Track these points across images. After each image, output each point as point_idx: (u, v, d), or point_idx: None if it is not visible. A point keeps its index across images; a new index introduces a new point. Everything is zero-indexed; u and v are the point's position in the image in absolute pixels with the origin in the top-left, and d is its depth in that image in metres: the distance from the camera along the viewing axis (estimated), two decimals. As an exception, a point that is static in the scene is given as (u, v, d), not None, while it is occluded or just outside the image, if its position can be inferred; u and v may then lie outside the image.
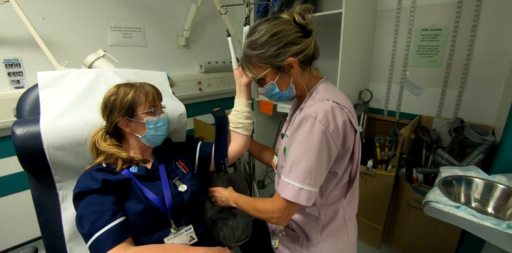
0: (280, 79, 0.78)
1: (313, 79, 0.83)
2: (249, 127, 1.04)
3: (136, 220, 0.76)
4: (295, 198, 0.71)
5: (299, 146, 0.71)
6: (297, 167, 0.71)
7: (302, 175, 0.70)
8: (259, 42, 0.74)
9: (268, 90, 0.82)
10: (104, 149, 0.83)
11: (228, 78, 2.49)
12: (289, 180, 0.72)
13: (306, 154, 0.70)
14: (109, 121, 0.84)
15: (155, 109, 0.86)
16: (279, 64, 0.75)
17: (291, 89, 0.81)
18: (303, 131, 0.71)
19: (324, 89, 0.79)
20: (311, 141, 0.69)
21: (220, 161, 1.01)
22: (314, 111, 0.71)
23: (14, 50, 1.60)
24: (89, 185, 0.74)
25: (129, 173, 0.82)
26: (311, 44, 0.76)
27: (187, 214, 0.86)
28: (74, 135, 0.86)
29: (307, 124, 0.70)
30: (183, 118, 1.10)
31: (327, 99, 0.73)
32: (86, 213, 0.72)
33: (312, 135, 0.69)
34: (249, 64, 0.79)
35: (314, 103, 0.74)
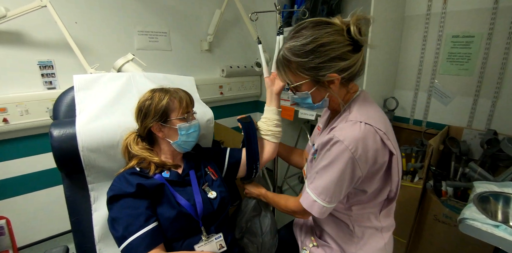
0: (316, 91, 0.74)
1: (349, 94, 0.79)
2: (278, 134, 1.03)
3: (168, 225, 0.77)
4: (309, 208, 0.74)
5: (324, 165, 0.70)
6: (317, 181, 0.72)
7: (319, 189, 0.72)
8: (303, 50, 0.68)
9: (299, 98, 0.79)
10: (136, 153, 0.84)
11: (248, 82, 2.49)
12: (308, 189, 0.75)
13: (328, 173, 0.70)
14: (142, 125, 0.85)
15: (188, 116, 0.86)
16: (319, 79, 0.70)
17: (324, 102, 0.78)
18: (330, 154, 0.69)
19: (358, 108, 0.75)
20: (336, 165, 0.68)
21: (252, 166, 1.01)
22: (344, 135, 0.67)
23: (48, 53, 1.66)
24: (124, 189, 0.75)
25: (161, 177, 0.82)
26: (358, 61, 0.70)
27: (216, 221, 0.86)
28: (107, 138, 0.87)
29: (335, 148, 0.68)
30: (211, 123, 1.10)
31: (360, 121, 0.69)
32: (120, 216, 0.73)
33: (338, 160, 0.67)
34: (286, 69, 0.74)
35: (345, 126, 0.70)
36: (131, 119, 0.88)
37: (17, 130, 1.59)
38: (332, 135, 0.69)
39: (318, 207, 0.72)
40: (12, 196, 1.71)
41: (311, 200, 0.73)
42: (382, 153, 0.69)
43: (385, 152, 0.70)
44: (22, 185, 1.70)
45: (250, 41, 2.41)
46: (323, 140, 0.72)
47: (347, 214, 0.81)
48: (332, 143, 0.68)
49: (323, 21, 0.70)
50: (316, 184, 0.72)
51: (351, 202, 0.79)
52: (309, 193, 0.74)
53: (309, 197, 0.73)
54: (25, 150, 1.66)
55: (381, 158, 0.70)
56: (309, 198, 0.73)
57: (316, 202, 0.72)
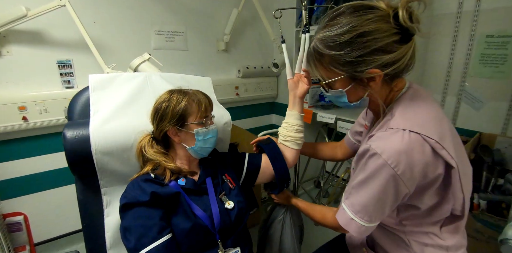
0: (353, 89, 0.64)
1: (393, 93, 0.67)
2: (299, 140, 0.97)
3: (183, 238, 0.72)
4: (345, 226, 0.66)
5: (360, 180, 0.62)
6: (353, 197, 0.64)
7: (356, 207, 0.64)
8: (338, 41, 0.58)
9: (333, 96, 0.69)
10: (150, 156, 0.81)
11: (265, 84, 2.44)
12: (344, 205, 0.67)
13: (366, 189, 0.61)
14: (158, 129, 0.81)
15: (206, 120, 0.82)
16: (357, 75, 0.60)
17: (362, 102, 0.68)
18: (366, 169, 0.60)
19: (402, 111, 0.62)
20: (374, 181, 0.59)
21: (283, 185, 0.97)
22: (382, 147, 0.57)
23: (67, 52, 1.67)
24: (138, 197, 0.72)
25: (177, 186, 0.78)
26: (407, 53, 0.58)
27: (233, 234, 0.81)
28: (121, 140, 0.84)
29: (372, 162, 0.58)
30: (228, 126, 1.05)
31: (404, 129, 0.57)
32: (132, 226, 0.69)
33: (376, 176, 0.58)
34: (317, 63, 0.64)
35: (385, 135, 0.59)
36: (146, 121, 0.85)
37: (36, 128, 1.60)
38: (368, 145, 0.60)
39: (356, 226, 0.64)
40: (30, 193, 1.73)
41: (348, 217, 0.65)
42: (434, 166, 0.58)
43: (437, 165, 0.58)
44: (40, 182, 1.72)
45: (267, 41, 2.35)
46: (360, 150, 0.63)
47: (399, 229, 0.72)
48: (368, 155, 0.59)
49: (364, 5, 0.59)
50: (352, 201, 0.64)
51: (402, 217, 0.70)
52: (345, 210, 0.66)
53: (346, 214, 0.65)
54: (43, 148, 1.68)
55: (432, 172, 0.59)
56: (346, 215, 0.65)
57: (353, 221, 0.64)
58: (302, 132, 0.98)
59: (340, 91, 0.66)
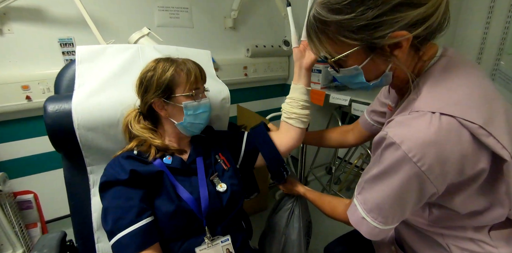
0: (371, 64, 0.50)
1: (420, 64, 0.53)
2: (305, 118, 0.87)
3: (166, 222, 0.66)
4: (356, 225, 0.55)
5: (375, 174, 0.51)
6: (366, 193, 0.54)
7: (369, 205, 0.54)
8: (346, 0, 0.45)
9: (346, 77, 0.56)
10: (137, 133, 0.73)
11: (275, 64, 2.31)
12: (356, 201, 0.56)
13: (381, 186, 0.50)
14: (143, 101, 0.73)
15: (197, 93, 0.73)
16: (376, 42, 0.46)
17: (385, 78, 0.53)
18: (382, 161, 0.48)
19: (432, 87, 0.48)
20: (391, 177, 0.48)
21: (279, 169, 0.87)
22: (402, 134, 0.45)
23: (68, 30, 1.62)
24: (116, 175, 0.65)
25: (162, 164, 0.71)
26: (441, 5, 0.45)
27: (224, 220, 0.73)
28: (107, 115, 0.77)
29: (388, 153, 0.47)
30: (227, 103, 0.96)
31: (432, 111, 0.44)
32: (110, 207, 0.63)
33: (394, 171, 0.47)
34: (322, 36, 0.51)
35: (407, 119, 0.46)
36: (135, 95, 0.77)
37: (40, 107, 1.57)
38: (384, 132, 0.47)
39: (368, 227, 0.54)
40: (40, 172, 1.75)
41: (359, 216, 0.55)
42: (474, 160, 0.45)
43: (479, 157, 0.45)
44: (49, 161, 1.73)
45: (278, 17, 2.20)
46: (376, 138, 0.51)
47: (434, 231, 0.60)
48: (385, 145, 0.47)
49: None
50: (365, 197, 0.54)
51: (435, 218, 0.57)
52: (357, 206, 0.56)
53: (357, 212, 0.55)
54: (48, 127, 1.67)
55: (471, 167, 0.46)
56: (357, 212, 0.55)
57: (365, 221, 0.54)
58: (309, 108, 0.87)
59: (354, 68, 0.52)
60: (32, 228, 1.78)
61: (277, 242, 0.97)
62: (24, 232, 1.71)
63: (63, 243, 0.77)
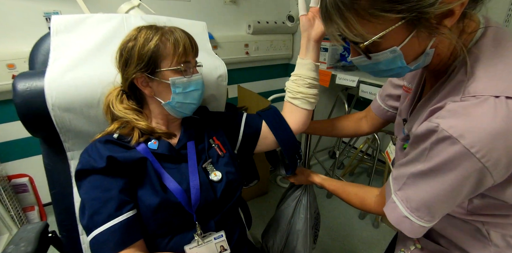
0: (412, 42, 0.42)
1: (464, 36, 0.44)
2: (312, 98, 0.76)
3: (149, 216, 0.58)
4: (396, 224, 0.50)
5: (423, 170, 0.44)
6: (410, 190, 0.48)
7: (415, 203, 0.47)
8: None
9: (378, 64, 0.45)
10: (119, 114, 0.64)
11: (279, 42, 2.16)
12: (395, 197, 0.50)
13: (431, 184, 0.44)
14: (124, 76, 0.63)
15: (186, 67, 0.62)
16: (426, 12, 0.37)
17: (426, 58, 0.44)
18: (433, 157, 0.42)
19: (487, 65, 0.40)
20: (446, 176, 0.42)
21: (294, 156, 0.79)
22: (461, 128, 0.38)
23: (54, 3, 1.49)
24: (92, 162, 0.56)
25: (146, 149, 0.62)
26: None
27: (219, 213, 0.65)
28: (85, 94, 0.68)
29: (443, 149, 0.40)
30: (223, 81, 0.85)
31: (496, 95, 0.37)
32: (86, 199, 0.55)
33: (450, 170, 0.41)
34: (349, 15, 0.41)
35: (463, 108, 0.39)
36: (116, 70, 0.67)
37: (27, 87, 1.49)
38: (434, 124, 0.40)
39: (412, 226, 0.48)
40: (33, 155, 1.70)
41: (400, 215, 0.49)
42: None
43: None
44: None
45: (283, -10, 2.02)
46: (420, 130, 0.43)
47: (473, 219, 0.55)
48: (436, 139, 0.40)
49: None
50: (408, 194, 0.48)
51: (476, 207, 0.52)
52: (396, 204, 0.49)
53: (397, 210, 0.49)
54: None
55: None
56: (397, 211, 0.49)
57: (407, 219, 0.48)
58: (317, 87, 0.76)
59: (391, 51, 0.42)
60: (29, 212, 1.75)
61: (281, 231, 0.90)
62: (21, 215, 1.68)
63: (44, 235, 0.70)
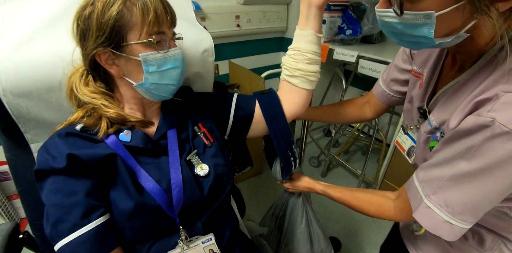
0: (452, 14, 0.37)
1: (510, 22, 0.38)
2: (312, 76, 0.66)
3: (124, 223, 0.49)
4: (433, 230, 0.46)
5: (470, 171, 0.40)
6: (451, 193, 0.43)
7: (458, 208, 0.43)
8: None
9: (406, 25, 0.39)
10: (85, 99, 0.53)
11: (272, 13, 1.98)
12: (429, 203, 0.46)
13: (480, 185, 0.40)
14: (83, 52, 0.52)
15: (160, 39, 0.51)
16: None
17: (455, 40, 0.40)
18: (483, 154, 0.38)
19: None
20: (498, 174, 0.38)
21: (287, 153, 0.70)
22: None
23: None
24: (50, 161, 0.47)
25: (116, 142, 0.52)
26: None
27: (206, 213, 0.57)
28: (43, 76, 0.56)
29: (499, 145, 0.36)
30: (210, 56, 0.74)
31: None
32: (48, 205, 0.47)
33: (505, 167, 0.37)
34: None
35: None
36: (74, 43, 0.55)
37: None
38: (489, 118, 0.36)
39: (453, 230, 0.45)
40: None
41: (440, 220, 0.44)
42: None
43: None
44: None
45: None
46: (466, 125, 0.39)
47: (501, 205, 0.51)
48: (492, 135, 0.35)
49: None
50: (448, 198, 0.43)
51: None
52: (432, 209, 0.45)
53: (434, 216, 0.45)
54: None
55: None
56: (435, 216, 0.45)
57: (448, 224, 0.44)
58: (318, 63, 0.66)
59: (426, 15, 0.37)
60: (15, 200, 1.69)
61: None
62: (6, 203, 1.62)
63: (15, 237, 0.63)
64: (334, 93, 2.19)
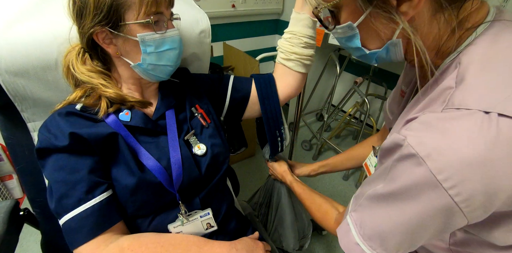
0: (371, 23, 0.36)
1: (460, 33, 0.35)
2: (307, 60, 0.68)
3: (126, 198, 0.51)
4: (347, 250, 0.42)
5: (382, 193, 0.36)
6: (366, 212, 0.40)
7: (368, 231, 0.39)
8: None
9: (340, 39, 0.41)
10: (82, 78, 0.53)
11: (268, -7, 1.94)
12: (349, 220, 0.42)
13: (388, 210, 0.36)
14: (80, 31, 0.51)
15: (158, 20, 0.51)
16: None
17: (392, 49, 0.38)
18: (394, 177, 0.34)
19: (480, 70, 0.31)
20: (405, 204, 0.33)
21: (275, 133, 0.72)
22: (431, 146, 0.29)
23: None
24: (52, 140, 0.48)
25: (117, 122, 0.53)
26: None
27: (204, 189, 0.60)
28: (38, 54, 0.56)
29: (405, 169, 0.32)
30: (206, 37, 0.73)
31: (485, 110, 0.28)
32: (52, 182, 0.48)
33: (410, 197, 0.32)
34: None
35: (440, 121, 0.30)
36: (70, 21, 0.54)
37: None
38: (402, 137, 0.32)
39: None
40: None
41: (352, 241, 0.41)
42: None
43: None
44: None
45: None
46: (387, 142, 0.36)
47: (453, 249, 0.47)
48: (401, 155, 0.32)
49: None
50: (363, 218, 0.40)
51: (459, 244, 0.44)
52: (350, 227, 0.42)
53: (350, 234, 0.42)
54: None
55: None
56: (350, 235, 0.42)
57: (359, 247, 0.40)
58: (313, 47, 0.67)
59: (348, 26, 0.37)
60: (8, 180, 1.69)
61: None
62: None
63: (15, 214, 0.64)
64: (328, 78, 2.20)
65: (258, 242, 0.59)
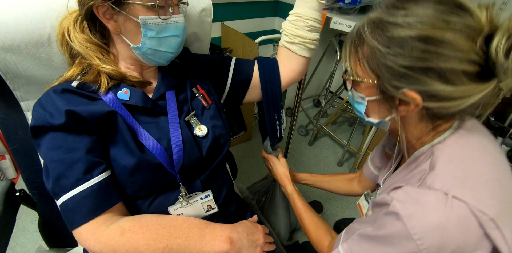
0: (376, 103, 0.47)
1: (434, 133, 0.47)
2: (311, 44, 0.66)
3: (126, 179, 0.50)
4: None
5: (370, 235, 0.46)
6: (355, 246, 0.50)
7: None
8: (393, 35, 0.39)
9: (352, 98, 0.51)
10: (78, 48, 0.50)
11: (268, -28, 1.85)
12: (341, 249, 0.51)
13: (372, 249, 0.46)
14: (80, 2, 0.48)
15: (165, 4, 0.48)
16: (389, 89, 0.42)
17: (383, 124, 0.50)
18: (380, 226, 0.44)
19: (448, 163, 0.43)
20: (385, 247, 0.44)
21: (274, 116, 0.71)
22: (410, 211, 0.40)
23: None
24: (48, 118, 0.46)
25: (115, 100, 0.51)
26: (474, 96, 0.38)
27: (205, 171, 0.59)
28: (29, 29, 0.52)
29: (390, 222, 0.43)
30: (208, 16, 0.70)
31: (446, 193, 0.39)
32: (48, 161, 0.46)
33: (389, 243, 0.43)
34: (353, 49, 0.45)
35: (418, 195, 0.41)
36: None
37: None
38: (390, 198, 0.43)
39: None
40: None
41: None
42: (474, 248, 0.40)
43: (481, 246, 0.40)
44: None
45: None
46: (378, 199, 0.47)
47: None
48: (386, 212, 0.43)
49: (456, 2, 0.39)
50: (352, 250, 0.49)
51: None
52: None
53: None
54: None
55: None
56: None
57: None
58: (318, 31, 0.65)
59: (361, 97, 0.48)
60: (1, 161, 1.66)
61: None
62: (-8, 165, 1.60)
63: (11, 195, 0.63)
64: (327, 64, 2.17)
65: (257, 225, 0.60)
